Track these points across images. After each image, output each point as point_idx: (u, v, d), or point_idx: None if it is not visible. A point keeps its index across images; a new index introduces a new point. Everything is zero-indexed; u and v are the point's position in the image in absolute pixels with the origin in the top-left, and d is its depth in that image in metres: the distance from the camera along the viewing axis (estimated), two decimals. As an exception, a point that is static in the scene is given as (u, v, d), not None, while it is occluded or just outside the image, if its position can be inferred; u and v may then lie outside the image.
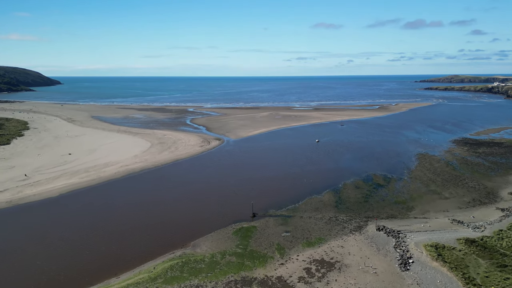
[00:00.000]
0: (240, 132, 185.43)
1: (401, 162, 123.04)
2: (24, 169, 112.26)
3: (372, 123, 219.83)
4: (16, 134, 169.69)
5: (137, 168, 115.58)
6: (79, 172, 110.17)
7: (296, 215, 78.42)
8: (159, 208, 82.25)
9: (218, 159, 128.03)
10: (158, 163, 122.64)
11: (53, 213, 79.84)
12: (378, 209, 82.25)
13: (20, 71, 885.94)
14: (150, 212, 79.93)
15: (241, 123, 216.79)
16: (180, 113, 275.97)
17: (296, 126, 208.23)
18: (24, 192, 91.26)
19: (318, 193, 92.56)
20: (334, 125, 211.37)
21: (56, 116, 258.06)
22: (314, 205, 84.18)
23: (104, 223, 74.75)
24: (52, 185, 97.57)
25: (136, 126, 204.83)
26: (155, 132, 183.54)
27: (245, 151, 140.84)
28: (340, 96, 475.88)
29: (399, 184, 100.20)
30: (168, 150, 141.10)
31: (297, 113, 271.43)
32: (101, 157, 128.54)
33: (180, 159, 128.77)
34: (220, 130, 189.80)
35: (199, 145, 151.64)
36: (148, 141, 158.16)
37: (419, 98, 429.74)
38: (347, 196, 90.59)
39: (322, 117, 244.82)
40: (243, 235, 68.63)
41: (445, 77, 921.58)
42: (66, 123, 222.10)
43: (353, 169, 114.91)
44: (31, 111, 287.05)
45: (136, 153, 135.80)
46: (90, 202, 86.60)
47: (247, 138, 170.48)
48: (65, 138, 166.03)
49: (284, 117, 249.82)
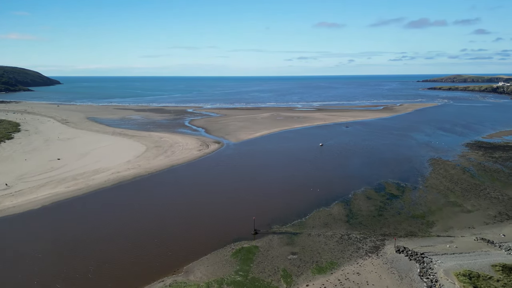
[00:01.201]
0: (241, 134, 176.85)
1: (414, 168, 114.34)
2: (7, 176, 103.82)
3: (378, 124, 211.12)
4: (5, 137, 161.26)
5: (129, 176, 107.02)
6: (66, 179, 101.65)
7: (303, 232, 69.81)
8: (149, 224, 73.63)
9: (216, 164, 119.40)
10: (153, 169, 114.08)
11: (30, 229, 71.27)
12: (394, 224, 73.60)
13: (19, 70, 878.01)
14: (137, 229, 71.30)
15: (242, 125, 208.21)
16: (179, 114, 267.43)
17: (298, 128, 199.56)
18: (3, 204, 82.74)
19: (326, 205, 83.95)
20: (338, 126, 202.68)
21: (50, 117, 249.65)
22: (322, 220, 75.56)
23: (84, 243, 66.12)
24: (35, 195, 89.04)
25: (133, 128, 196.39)
26: (152, 134, 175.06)
27: (245, 156, 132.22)
28: (343, 96, 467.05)
29: (414, 194, 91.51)
30: (164, 155, 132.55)
31: (300, 114, 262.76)
32: (91, 163, 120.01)
33: (176, 164, 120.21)
34: (219, 133, 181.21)
35: (197, 149, 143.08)
36: (143, 145, 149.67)
37: (424, 98, 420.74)
38: (358, 208, 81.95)
39: (325, 118, 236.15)
40: (243, 257, 60.02)
41: (447, 77, 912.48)
42: (59, 124, 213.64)
43: (362, 176, 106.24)
44: (25, 112, 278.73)
45: (130, 158, 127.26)
46: (72, 216, 78.01)
47: (248, 141, 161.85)
48: (56, 142, 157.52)
49: (286, 118, 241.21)
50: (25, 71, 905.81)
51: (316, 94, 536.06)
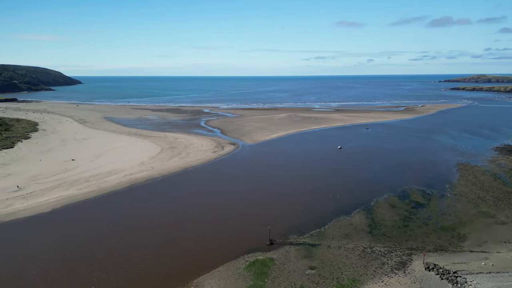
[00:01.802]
0: (257, 135, 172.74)
1: (440, 174, 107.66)
2: (21, 177, 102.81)
3: (400, 126, 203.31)
4: (23, 137, 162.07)
5: (142, 178, 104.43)
6: (78, 181, 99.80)
7: (322, 243, 65.08)
8: (158, 231, 70.31)
9: (231, 167, 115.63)
10: (166, 171, 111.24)
11: (37, 234, 68.98)
12: (422, 237, 67.97)
13: (41, 70, 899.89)
14: (146, 237, 68.06)
15: (258, 126, 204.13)
16: (195, 114, 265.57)
17: (316, 129, 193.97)
18: (14, 206, 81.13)
19: (347, 213, 78.87)
20: (358, 128, 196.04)
21: (68, 116, 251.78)
22: (343, 230, 70.59)
23: (89, 250, 63.23)
24: (46, 197, 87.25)
25: (148, 128, 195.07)
26: (167, 135, 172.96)
27: (261, 158, 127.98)
28: (362, 97, 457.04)
29: (442, 203, 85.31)
30: (178, 156, 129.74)
31: (317, 115, 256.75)
32: (105, 164, 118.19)
33: (190, 166, 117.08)
34: (235, 134, 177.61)
35: (212, 150, 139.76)
36: (158, 146, 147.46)
37: (447, 99, 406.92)
38: (381, 218, 76.55)
39: (344, 120, 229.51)
40: (257, 271, 55.83)
41: (470, 77, 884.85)
42: (77, 124, 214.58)
43: (384, 182, 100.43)
44: (45, 112, 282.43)
45: (144, 159, 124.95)
46: (80, 222, 75.50)
47: (264, 142, 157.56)
48: (71, 142, 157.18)
49: (304, 119, 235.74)
50: (47, 71, 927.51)
51: (334, 94, 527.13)
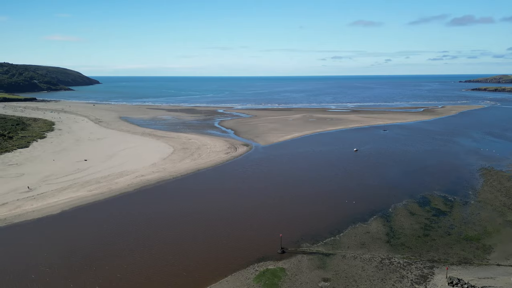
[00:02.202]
0: (270, 137, 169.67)
1: (463, 180, 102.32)
2: (33, 177, 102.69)
3: (419, 128, 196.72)
4: (38, 136, 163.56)
5: (153, 179, 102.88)
6: (89, 182, 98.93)
7: (336, 253, 61.59)
8: (165, 237, 68.12)
9: (243, 170, 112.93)
10: (177, 173, 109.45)
11: (45, 237, 67.73)
12: (444, 248, 63.64)
13: (61, 70, 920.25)
14: (152, 243, 65.93)
15: (272, 127, 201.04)
16: (209, 115, 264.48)
17: (331, 130, 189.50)
18: (23, 208, 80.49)
19: (363, 220, 75.06)
20: (375, 130, 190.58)
21: (85, 116, 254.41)
22: (359, 239, 66.89)
23: (94, 256, 61.48)
24: (56, 198, 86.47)
25: (162, 129, 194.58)
26: (180, 135, 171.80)
27: (273, 161, 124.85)
28: (379, 97, 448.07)
29: (465, 210, 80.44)
30: (191, 158, 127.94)
31: (333, 116, 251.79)
32: (117, 165, 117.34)
33: (202, 168, 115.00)
34: (248, 135, 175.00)
35: (224, 151, 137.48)
36: (171, 146, 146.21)
37: (468, 99, 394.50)
38: (400, 226, 72.43)
39: (361, 121, 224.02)
40: (268, 282, 52.84)
41: (492, 77, 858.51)
42: (92, 124, 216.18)
43: (403, 187, 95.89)
44: (62, 111, 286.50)
45: (156, 160, 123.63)
46: (88, 225, 74.05)
47: (277, 144, 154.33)
48: (86, 142, 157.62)
49: (319, 120, 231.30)
50: (67, 71, 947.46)
51: (351, 94, 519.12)
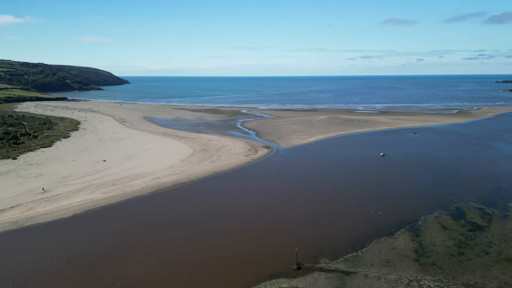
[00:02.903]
0: (293, 139, 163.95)
1: (502, 190, 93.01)
2: (51, 178, 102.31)
3: (452, 131, 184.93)
4: (62, 136, 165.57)
5: (169, 182, 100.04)
6: (105, 184, 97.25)
7: (358, 271, 55.68)
8: (173, 247, 64.40)
9: (262, 174, 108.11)
10: (194, 176, 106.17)
11: (54, 242, 65.68)
12: (482, 270, 56.29)
13: (93, 71, 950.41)
14: (160, 253, 62.34)
15: (295, 128, 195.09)
16: (232, 115, 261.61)
17: (358, 133, 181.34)
18: (36, 210, 79.32)
19: (389, 233, 68.51)
20: (405, 132, 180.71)
21: (110, 116, 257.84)
22: (384, 255, 60.56)
23: (100, 264, 58.53)
24: (70, 201, 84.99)
25: (184, 129, 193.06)
26: (201, 136, 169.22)
27: (294, 165, 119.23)
28: (410, 98, 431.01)
29: (505, 225, 72.08)
30: (209, 160, 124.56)
31: (360, 117, 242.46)
32: (135, 166, 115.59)
33: (219, 171, 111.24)
34: (270, 136, 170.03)
35: (244, 154, 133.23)
36: (190, 148, 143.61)
37: (506, 101, 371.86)
38: (431, 242, 65.37)
39: (389, 123, 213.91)
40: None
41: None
42: (116, 124, 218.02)
43: (435, 197, 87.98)
44: (90, 111, 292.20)
45: (174, 162, 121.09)
46: (98, 230, 71.59)
47: (300, 146, 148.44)
48: (107, 142, 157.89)
49: (345, 121, 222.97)
50: (98, 71, 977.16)
51: (380, 95, 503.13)
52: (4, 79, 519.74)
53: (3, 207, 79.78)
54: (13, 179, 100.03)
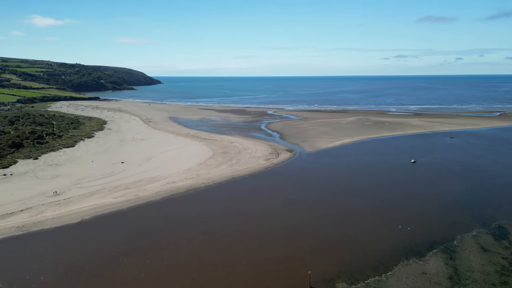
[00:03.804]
0: (318, 142, 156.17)
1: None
2: (67, 179, 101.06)
3: (494, 136, 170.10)
4: (86, 135, 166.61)
5: (183, 187, 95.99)
6: (118, 188, 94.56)
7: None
8: (177, 261, 59.57)
9: (281, 181, 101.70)
10: (210, 180, 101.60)
11: (54, 249, 62.77)
12: (531, 307, 47.44)
13: (127, 71, 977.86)
14: (163, 267, 57.70)
15: (322, 130, 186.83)
16: (258, 116, 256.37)
17: (388, 136, 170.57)
18: (45, 214, 77.30)
19: (419, 254, 60.42)
20: (440, 137, 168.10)
21: (137, 116, 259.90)
22: (412, 282, 52.82)
23: (100, 273, 54.65)
24: (80, 205, 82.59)
25: (207, 130, 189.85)
26: (224, 138, 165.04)
27: (317, 171, 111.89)
28: (447, 99, 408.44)
29: (560, 250, 61.84)
30: (228, 163, 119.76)
31: (392, 119, 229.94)
32: (151, 169, 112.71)
33: (237, 176, 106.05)
34: (294, 139, 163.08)
35: (265, 157, 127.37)
36: (211, 150, 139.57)
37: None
38: (468, 267, 56.73)
39: (423, 126, 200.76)
40: (285, 338, 41.67)
41: None
42: (142, 124, 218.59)
43: (473, 212, 78.27)
44: (118, 110, 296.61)
45: (192, 165, 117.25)
46: (103, 239, 68.08)
47: (325, 150, 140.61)
48: (129, 142, 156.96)
49: (375, 123, 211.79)
50: (132, 71, 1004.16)
51: (415, 96, 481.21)
52: (42, 79, 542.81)
53: (13, 210, 78.46)
54: (30, 180, 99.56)
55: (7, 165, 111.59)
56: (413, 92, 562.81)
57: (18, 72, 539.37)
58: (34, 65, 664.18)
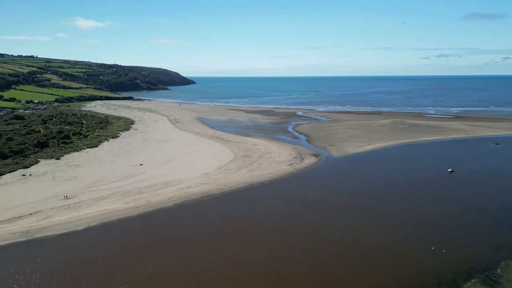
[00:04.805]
0: (347, 146, 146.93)
1: None
2: (82, 181, 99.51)
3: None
4: (111, 136, 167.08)
5: (198, 193, 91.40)
6: (131, 192, 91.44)
7: None
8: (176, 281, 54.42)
9: (302, 190, 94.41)
10: (226, 186, 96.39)
11: (53, 258, 59.68)
12: None
13: (162, 71, 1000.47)
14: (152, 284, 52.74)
15: (352, 133, 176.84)
16: (286, 117, 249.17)
17: (425, 141, 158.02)
18: (52, 219, 75.09)
19: (454, 284, 51.73)
20: (483, 143, 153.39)
21: (165, 116, 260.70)
22: (443, 321, 44.44)
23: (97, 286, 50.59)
24: (89, 210, 79.93)
25: (232, 132, 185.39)
26: (248, 140, 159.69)
27: (341, 180, 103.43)
28: (492, 101, 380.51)
29: None
30: (248, 168, 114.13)
31: (430, 122, 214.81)
32: (169, 172, 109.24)
33: (256, 182, 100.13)
34: (322, 142, 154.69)
35: (288, 162, 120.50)
36: (232, 153, 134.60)
37: None
38: (515, 305, 47.37)
39: (465, 130, 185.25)
40: None
41: None
42: (168, 124, 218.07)
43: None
44: (148, 110, 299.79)
45: (210, 169, 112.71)
46: (105, 249, 64.36)
47: (353, 156, 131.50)
48: (152, 144, 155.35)
49: (411, 127, 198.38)
50: (167, 71, 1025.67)
51: (456, 97, 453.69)
52: (81, 79, 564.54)
53: (22, 213, 76.95)
54: (46, 182, 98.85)
55: (28, 165, 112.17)
56: (454, 93, 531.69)
57: (59, 72, 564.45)
58: (75, 66, 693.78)
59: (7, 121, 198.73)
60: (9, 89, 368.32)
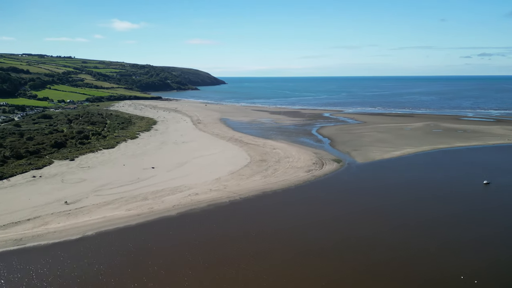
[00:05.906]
0: (373, 151, 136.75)
1: None
2: (89, 185, 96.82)
3: None
4: (130, 136, 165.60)
5: (205, 200, 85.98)
6: (136, 198, 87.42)
7: None
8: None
9: (316, 201, 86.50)
10: (237, 194, 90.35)
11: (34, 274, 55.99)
12: None
13: (193, 71, 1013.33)
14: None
15: (380, 137, 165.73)
16: (311, 119, 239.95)
17: (461, 147, 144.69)
18: (48, 226, 71.98)
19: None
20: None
21: (189, 116, 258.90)
22: None
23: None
24: (89, 217, 76.37)
25: (253, 134, 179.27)
26: (267, 143, 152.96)
27: (364, 191, 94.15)
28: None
29: None
30: (263, 173, 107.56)
31: (467, 126, 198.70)
32: (179, 177, 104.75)
33: (268, 190, 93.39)
34: (346, 146, 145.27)
35: (306, 168, 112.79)
36: (248, 157, 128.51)
37: None
38: None
39: (506, 135, 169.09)
40: None
41: None
42: (190, 125, 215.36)
43: None
44: (174, 110, 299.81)
45: (222, 174, 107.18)
46: (96, 263, 60.01)
47: (379, 162, 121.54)
48: (169, 145, 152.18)
49: (446, 131, 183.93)
50: (198, 72, 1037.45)
51: (498, 98, 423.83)
52: (114, 79, 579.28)
53: (20, 219, 74.47)
54: (54, 184, 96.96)
55: (41, 166, 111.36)
56: (496, 95, 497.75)
57: (93, 72, 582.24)
58: (109, 66, 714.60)
59: (34, 120, 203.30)
60: (44, 88, 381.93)
